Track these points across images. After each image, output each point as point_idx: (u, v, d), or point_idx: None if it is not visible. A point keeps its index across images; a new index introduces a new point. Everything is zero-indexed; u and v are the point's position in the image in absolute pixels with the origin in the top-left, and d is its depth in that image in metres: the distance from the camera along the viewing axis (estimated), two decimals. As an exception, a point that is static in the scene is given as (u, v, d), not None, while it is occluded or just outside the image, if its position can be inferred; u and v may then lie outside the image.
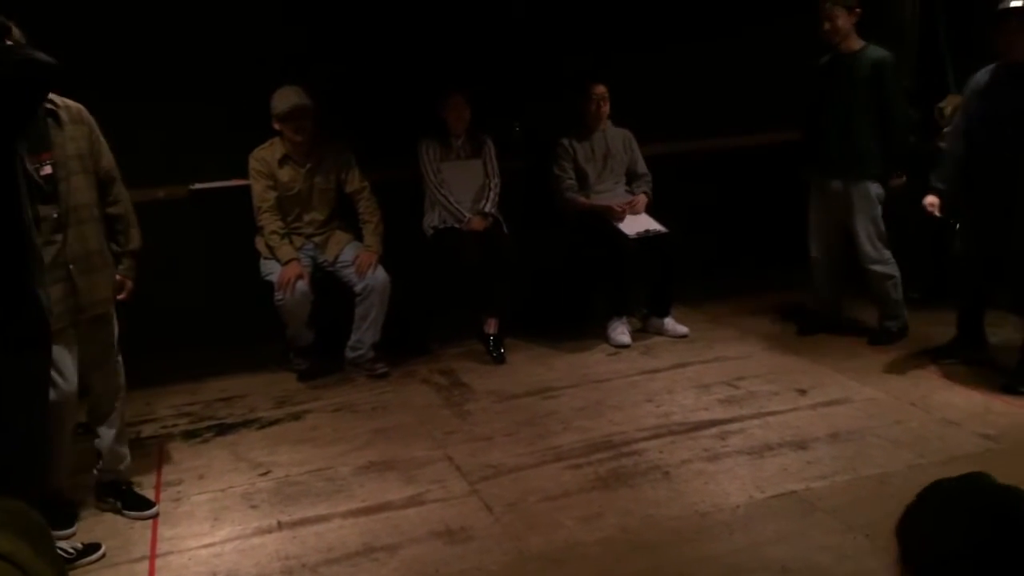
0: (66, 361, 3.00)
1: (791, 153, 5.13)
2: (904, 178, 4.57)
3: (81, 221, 3.01)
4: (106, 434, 3.30)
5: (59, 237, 2.94)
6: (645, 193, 5.02)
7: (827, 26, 4.44)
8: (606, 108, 5.01)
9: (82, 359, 3.11)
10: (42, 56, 2.33)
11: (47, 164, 2.91)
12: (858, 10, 4.43)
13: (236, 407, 4.27)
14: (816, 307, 4.93)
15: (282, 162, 4.47)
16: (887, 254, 4.61)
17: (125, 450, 3.38)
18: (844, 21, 4.42)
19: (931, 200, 4.18)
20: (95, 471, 3.33)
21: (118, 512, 3.28)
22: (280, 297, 4.35)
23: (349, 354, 4.57)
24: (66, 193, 2.95)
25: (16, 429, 2.48)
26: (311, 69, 4.64)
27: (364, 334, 4.52)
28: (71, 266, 2.97)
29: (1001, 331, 4.51)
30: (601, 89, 4.96)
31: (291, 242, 4.47)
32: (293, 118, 4.36)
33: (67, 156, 2.97)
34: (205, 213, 4.73)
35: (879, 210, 4.57)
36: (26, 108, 2.35)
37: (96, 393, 3.28)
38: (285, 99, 4.36)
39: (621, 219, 4.83)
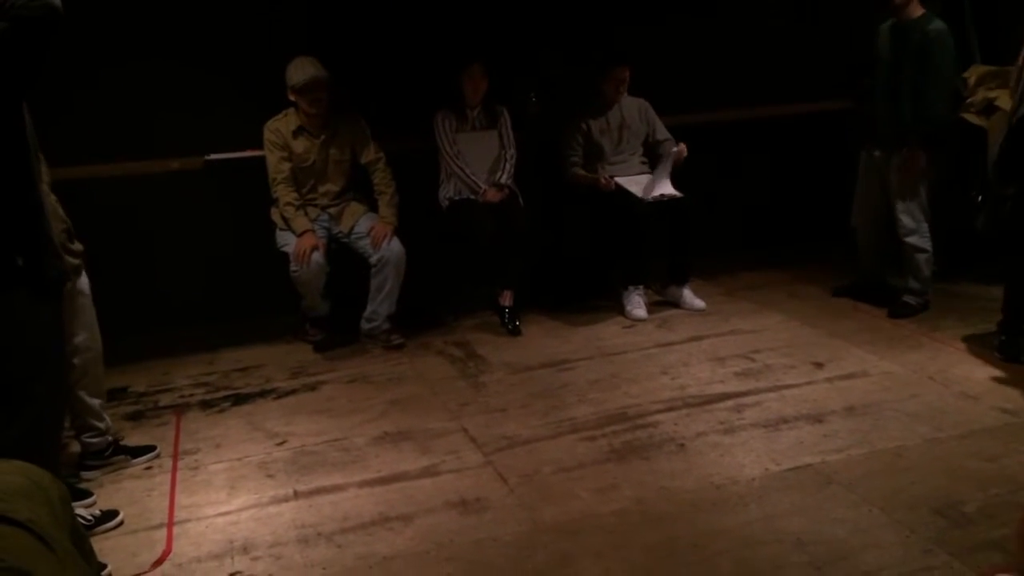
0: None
1: (815, 125, 5.09)
2: (920, 154, 4.39)
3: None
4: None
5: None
6: (672, 144, 4.92)
7: None
8: (625, 89, 4.95)
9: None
10: None
11: None
12: None
13: (252, 377, 4.29)
14: (859, 274, 4.91)
15: (296, 133, 4.45)
16: (924, 227, 4.55)
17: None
18: None
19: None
20: (86, 438, 3.37)
21: (125, 466, 3.39)
22: (296, 268, 4.36)
23: (364, 325, 4.58)
24: None
25: (46, 378, 2.51)
26: (327, 38, 4.62)
27: (380, 306, 4.52)
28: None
29: None
30: (624, 73, 4.89)
31: (306, 213, 4.47)
32: (309, 90, 4.33)
33: None
34: (221, 184, 4.73)
35: (925, 183, 4.50)
36: (37, 51, 2.34)
37: (85, 349, 3.30)
38: (301, 71, 4.32)
39: (608, 189, 4.78)
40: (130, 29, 4.43)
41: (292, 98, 4.40)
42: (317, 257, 4.35)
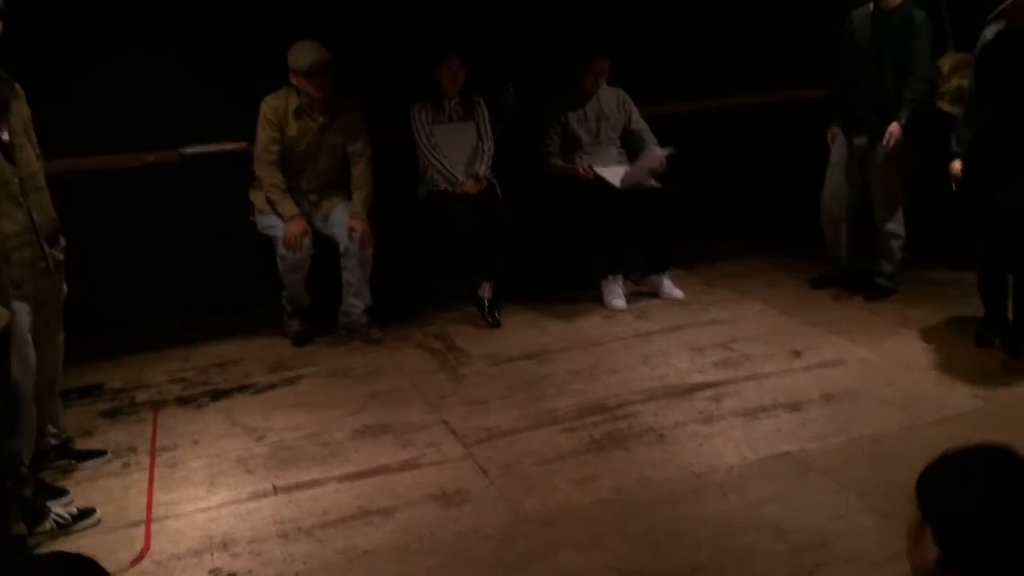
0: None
1: (792, 113, 5.10)
2: (899, 130, 4.39)
3: (38, 188, 3.09)
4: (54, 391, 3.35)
5: (23, 202, 3.00)
6: (654, 144, 4.94)
7: None
8: (603, 81, 4.95)
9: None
10: None
11: (3, 131, 2.97)
12: None
13: (230, 373, 4.26)
14: (832, 264, 4.95)
15: (297, 114, 4.38)
16: (900, 214, 4.62)
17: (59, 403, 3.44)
18: None
19: (956, 166, 3.96)
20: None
21: (72, 470, 3.34)
22: (284, 254, 4.32)
23: (343, 319, 4.56)
24: (22, 161, 3.02)
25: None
26: (301, 31, 4.57)
27: (355, 298, 4.51)
28: (39, 232, 3.05)
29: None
30: (604, 66, 4.89)
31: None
32: (314, 73, 4.27)
33: (15, 128, 3.03)
34: (196, 178, 4.68)
35: (903, 171, 4.55)
36: None
37: (46, 355, 3.24)
38: (306, 54, 4.26)
39: (587, 178, 4.78)
40: (106, 25, 4.37)
41: (294, 81, 4.33)
42: (308, 243, 4.32)
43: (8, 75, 3.04)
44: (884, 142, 4.43)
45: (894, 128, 4.40)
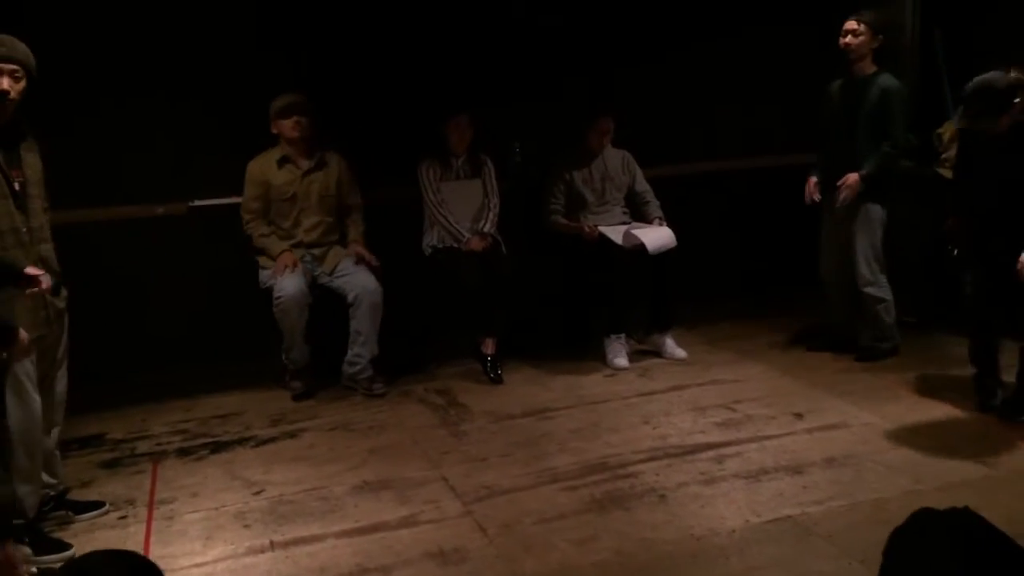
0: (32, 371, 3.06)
1: (788, 175, 5.15)
2: (856, 180, 4.44)
3: (44, 240, 3.15)
4: (51, 441, 3.32)
5: (31, 251, 3.05)
6: (659, 219, 5.02)
7: (848, 40, 4.44)
8: (608, 140, 5.02)
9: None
10: None
11: (17, 181, 3.04)
12: (881, 37, 4.46)
13: (231, 425, 4.25)
14: (829, 326, 4.96)
15: (281, 163, 4.50)
16: (882, 278, 4.64)
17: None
18: (866, 41, 4.43)
19: (950, 224, 4.10)
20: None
21: (70, 522, 3.31)
22: (279, 297, 4.33)
23: (347, 369, 4.57)
24: (32, 212, 3.08)
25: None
26: (314, 85, 4.66)
27: (362, 348, 4.51)
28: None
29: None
30: (609, 124, 4.98)
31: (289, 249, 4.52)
32: (289, 113, 4.41)
33: (30, 179, 3.10)
34: (204, 229, 4.73)
35: (880, 233, 4.59)
36: None
37: (45, 404, 3.22)
38: (280, 98, 4.45)
39: (593, 238, 4.83)
40: (116, 76, 4.47)
41: (275, 130, 4.47)
42: (299, 279, 4.38)
43: (26, 127, 3.10)
44: (838, 185, 4.47)
45: (852, 176, 4.46)
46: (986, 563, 1.25)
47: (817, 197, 4.71)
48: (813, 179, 4.72)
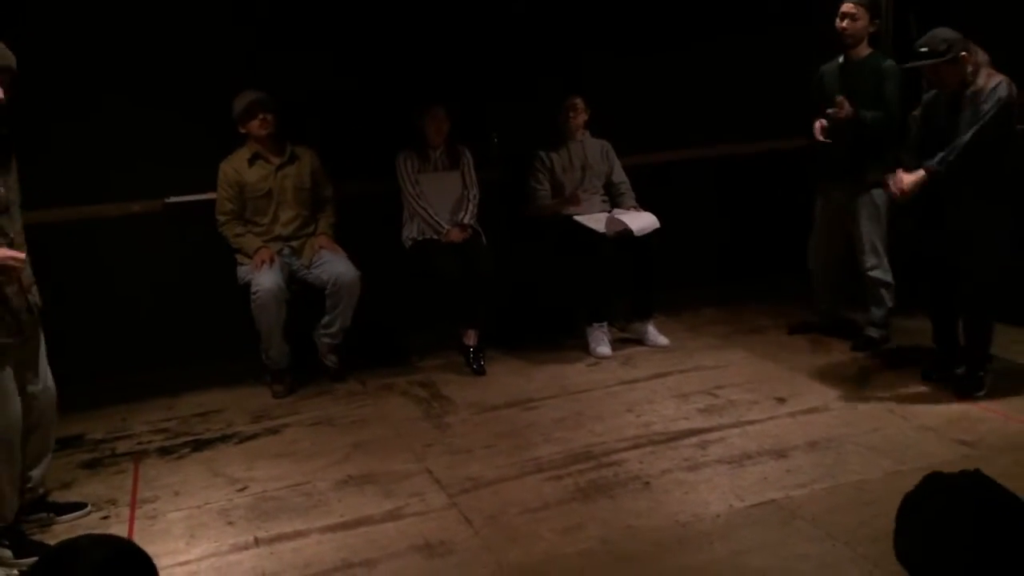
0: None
1: (772, 162, 5.18)
2: (851, 111, 4.36)
3: (23, 244, 3.10)
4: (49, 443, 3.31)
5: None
6: (634, 207, 5.03)
7: (846, 24, 4.41)
8: (580, 119, 5.03)
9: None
10: None
11: (1, 187, 3.00)
12: (877, 21, 4.46)
13: (213, 422, 4.22)
14: (815, 313, 4.97)
15: (252, 161, 4.50)
16: (886, 261, 4.63)
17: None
18: (863, 25, 4.42)
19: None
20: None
21: (51, 523, 3.28)
22: (256, 288, 4.32)
23: (319, 331, 4.60)
24: (13, 219, 3.05)
25: None
26: (287, 81, 4.63)
27: (335, 318, 4.55)
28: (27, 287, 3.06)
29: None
30: (576, 101, 4.99)
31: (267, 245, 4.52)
32: (253, 113, 4.41)
33: (11, 187, 3.07)
34: (180, 226, 4.69)
35: (885, 218, 4.58)
36: None
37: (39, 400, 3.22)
38: (242, 98, 4.44)
39: (577, 205, 4.85)
40: (90, 73, 4.41)
41: (242, 131, 4.48)
42: (277, 274, 4.38)
43: (7, 132, 3.05)
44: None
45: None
46: (996, 524, 1.27)
47: (823, 137, 4.57)
48: (821, 122, 4.56)
